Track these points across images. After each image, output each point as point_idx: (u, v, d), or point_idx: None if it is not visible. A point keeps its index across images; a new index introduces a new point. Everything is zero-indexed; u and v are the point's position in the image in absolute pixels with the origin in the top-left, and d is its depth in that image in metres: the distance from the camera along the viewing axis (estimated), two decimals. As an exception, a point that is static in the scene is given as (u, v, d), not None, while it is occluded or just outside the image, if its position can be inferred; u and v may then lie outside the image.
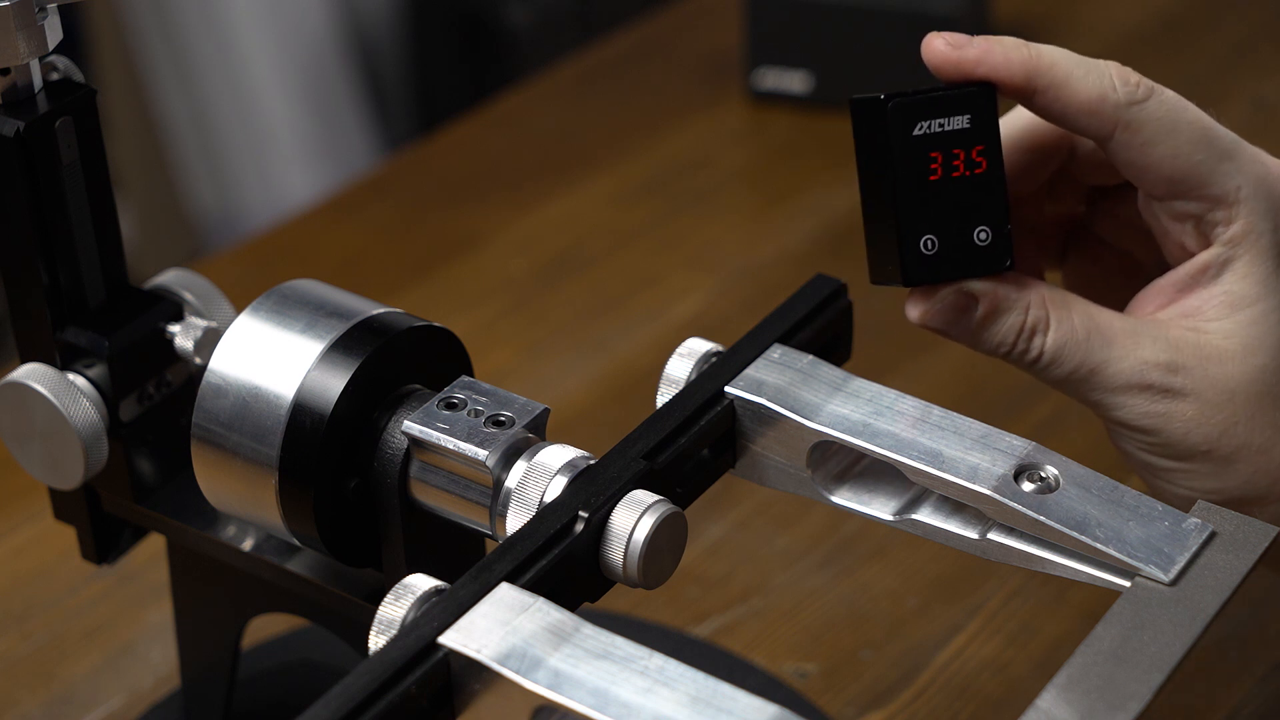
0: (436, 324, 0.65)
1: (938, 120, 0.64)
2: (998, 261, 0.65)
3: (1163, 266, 0.68)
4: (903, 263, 0.65)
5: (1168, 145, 0.64)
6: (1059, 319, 0.65)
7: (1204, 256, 0.65)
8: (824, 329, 0.67)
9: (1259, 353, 0.65)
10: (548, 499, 0.60)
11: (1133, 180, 0.66)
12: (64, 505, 0.72)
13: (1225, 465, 0.65)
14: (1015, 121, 0.68)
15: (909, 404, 0.63)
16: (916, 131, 0.64)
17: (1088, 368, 0.65)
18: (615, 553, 0.58)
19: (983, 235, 0.65)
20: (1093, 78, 0.64)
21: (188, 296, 0.70)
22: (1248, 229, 0.65)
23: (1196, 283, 0.65)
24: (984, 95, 0.64)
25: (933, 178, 0.64)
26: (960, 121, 0.64)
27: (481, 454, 0.60)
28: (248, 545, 0.68)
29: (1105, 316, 0.65)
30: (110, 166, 0.68)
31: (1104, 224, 0.71)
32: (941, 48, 0.64)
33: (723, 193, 1.16)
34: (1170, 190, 0.65)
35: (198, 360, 0.69)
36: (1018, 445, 0.61)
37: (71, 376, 0.67)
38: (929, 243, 0.65)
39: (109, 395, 0.68)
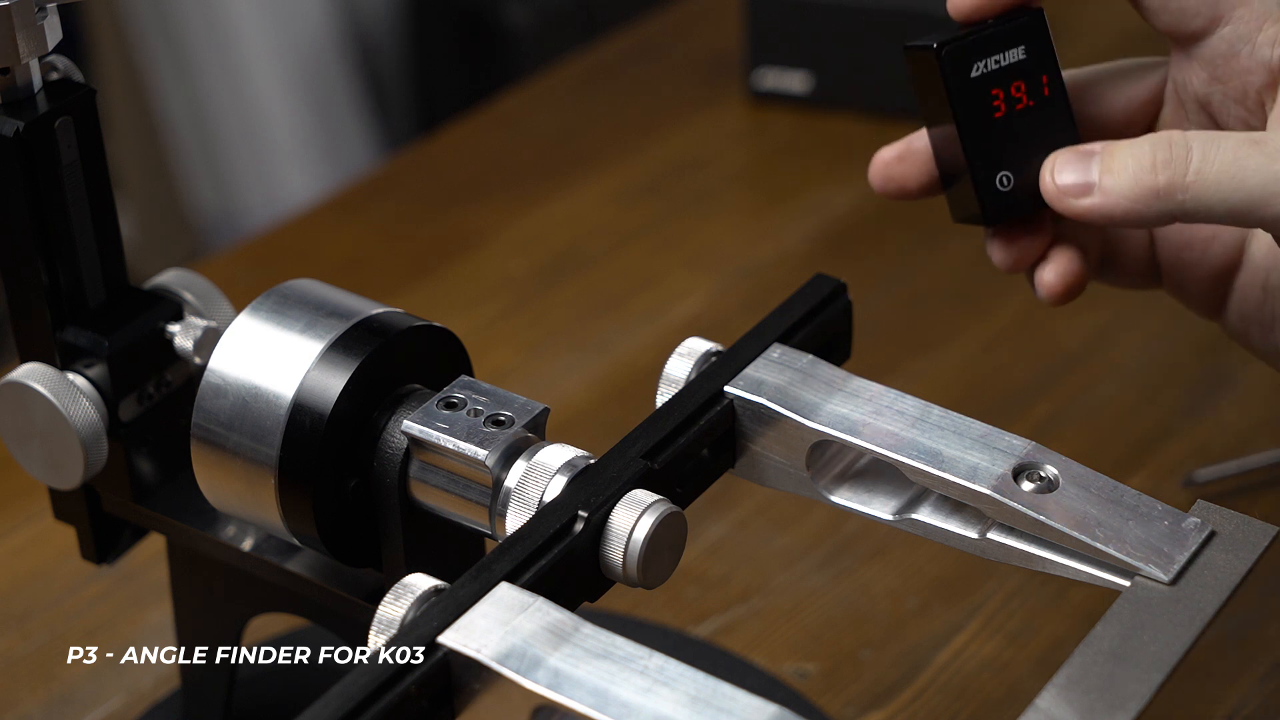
0: (436, 324, 0.65)
1: (993, 58, 0.64)
2: None
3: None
4: (981, 204, 0.65)
5: None
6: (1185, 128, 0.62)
7: None
8: (824, 329, 0.67)
9: None
10: (547, 498, 0.60)
11: (1172, 22, 0.64)
12: (64, 505, 0.72)
13: None
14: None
15: (909, 404, 0.63)
16: (974, 73, 0.64)
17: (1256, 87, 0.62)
18: (615, 552, 0.58)
19: None
20: None
21: (188, 296, 0.70)
22: None
23: None
24: (1034, 21, 0.64)
25: (997, 114, 0.64)
26: (1016, 54, 0.64)
27: (481, 454, 0.60)
28: (248, 545, 0.68)
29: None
30: (110, 166, 0.68)
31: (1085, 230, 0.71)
32: None
33: (723, 193, 1.16)
34: (1214, 11, 0.63)
35: (198, 360, 0.69)
36: (1018, 445, 0.61)
37: (71, 376, 0.67)
38: (1004, 179, 0.64)
39: (109, 395, 0.68)
